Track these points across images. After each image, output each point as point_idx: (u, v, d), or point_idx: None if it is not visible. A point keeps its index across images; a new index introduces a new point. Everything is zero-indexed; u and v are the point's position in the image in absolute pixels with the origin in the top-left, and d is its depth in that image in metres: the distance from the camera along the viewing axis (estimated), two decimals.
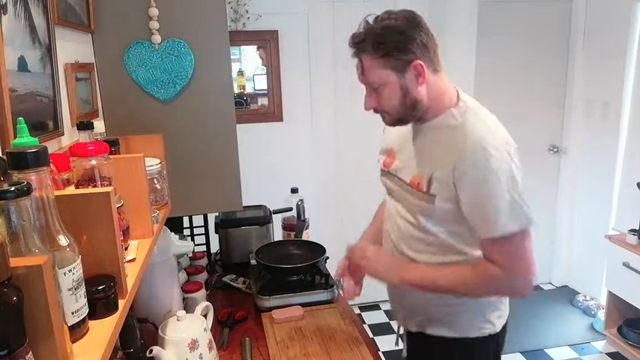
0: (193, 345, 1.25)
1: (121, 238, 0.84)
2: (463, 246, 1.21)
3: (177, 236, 1.61)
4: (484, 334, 1.28)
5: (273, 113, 3.27)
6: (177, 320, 1.29)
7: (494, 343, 1.31)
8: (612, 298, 2.97)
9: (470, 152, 1.10)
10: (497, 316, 1.30)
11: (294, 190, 2.18)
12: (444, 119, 1.19)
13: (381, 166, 1.38)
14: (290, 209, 2.12)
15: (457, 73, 3.37)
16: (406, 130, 1.28)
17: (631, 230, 2.81)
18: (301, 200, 2.08)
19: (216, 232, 2.08)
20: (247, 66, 3.26)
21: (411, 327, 1.36)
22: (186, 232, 2.22)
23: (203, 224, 2.21)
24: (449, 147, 1.15)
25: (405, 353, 1.43)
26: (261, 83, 3.26)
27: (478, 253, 1.20)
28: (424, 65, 1.13)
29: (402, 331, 1.46)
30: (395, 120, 1.22)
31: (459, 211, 1.15)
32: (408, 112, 1.19)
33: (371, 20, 1.15)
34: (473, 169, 1.10)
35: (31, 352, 0.54)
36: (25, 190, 0.57)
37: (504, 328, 1.33)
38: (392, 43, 1.12)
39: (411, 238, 1.26)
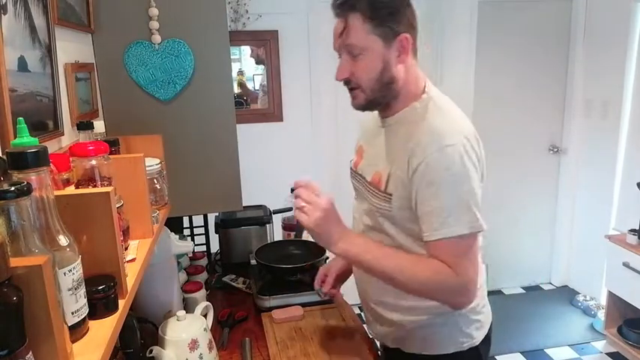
0: (193, 345, 1.25)
1: (121, 238, 0.84)
2: (420, 251, 1.13)
3: (177, 236, 1.61)
4: (463, 349, 1.22)
5: (273, 113, 3.27)
6: (177, 320, 1.29)
7: (475, 355, 1.24)
8: (612, 298, 2.97)
9: (423, 149, 1.05)
10: (475, 328, 1.23)
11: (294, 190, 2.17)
12: (406, 113, 1.14)
13: (351, 164, 1.34)
14: (290, 209, 2.11)
15: (457, 72, 3.37)
16: (373, 126, 1.24)
17: (631, 230, 2.81)
18: None
19: (216, 232, 2.08)
20: (247, 66, 3.26)
21: (387, 342, 1.31)
22: (186, 232, 2.22)
23: (203, 224, 2.21)
24: (405, 143, 1.09)
25: None
26: (260, 83, 3.26)
27: None
28: (410, 42, 1.09)
29: (379, 348, 1.40)
30: (366, 100, 1.13)
31: (415, 211, 1.09)
32: (381, 92, 1.11)
33: None
34: (425, 166, 1.04)
35: (31, 352, 0.54)
36: (25, 190, 0.57)
37: (487, 337, 1.27)
38: (387, 9, 1.06)
39: (374, 239, 1.19)
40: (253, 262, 1.83)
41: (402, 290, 1.14)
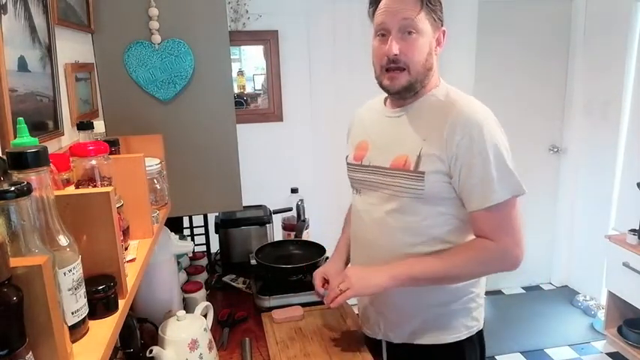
0: (193, 345, 1.25)
1: (121, 238, 0.84)
2: (448, 232, 1.19)
3: (177, 236, 1.61)
4: (472, 333, 1.27)
5: (273, 113, 3.28)
6: (177, 320, 1.29)
7: (481, 339, 1.31)
8: (612, 298, 2.97)
9: (464, 125, 1.12)
10: (479, 311, 1.29)
11: (294, 190, 2.17)
12: (428, 99, 1.22)
13: (350, 160, 1.35)
14: (290, 209, 2.12)
15: (457, 72, 3.37)
16: (378, 118, 1.30)
17: (631, 230, 2.81)
18: (301, 200, 2.08)
19: (216, 232, 2.08)
20: (247, 66, 3.26)
21: (394, 339, 1.30)
22: (186, 232, 2.22)
23: (203, 224, 2.21)
24: (438, 122, 1.15)
25: None
26: (261, 83, 3.26)
27: (463, 241, 1.20)
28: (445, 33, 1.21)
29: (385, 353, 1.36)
30: (408, 82, 1.18)
31: (449, 187, 1.15)
32: (422, 75, 1.19)
33: None
34: (469, 140, 1.11)
35: (31, 352, 0.54)
36: (25, 190, 0.57)
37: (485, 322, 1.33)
38: (439, 3, 1.19)
39: (392, 228, 1.22)
40: (253, 262, 1.83)
41: (457, 282, 1.22)
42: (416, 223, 1.20)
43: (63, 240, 0.65)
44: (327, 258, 1.83)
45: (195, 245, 2.09)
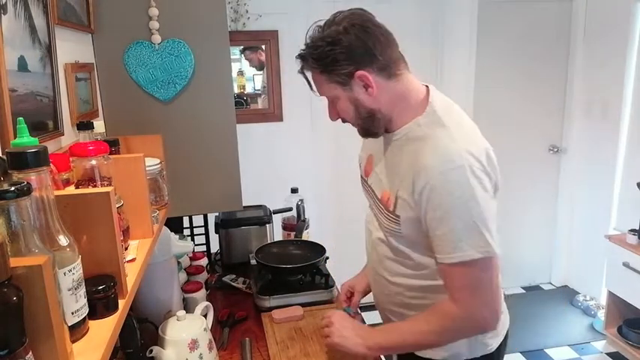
0: (193, 345, 1.25)
1: (121, 238, 0.84)
2: (430, 268, 1.13)
3: (177, 236, 1.61)
4: (476, 355, 1.21)
5: (273, 113, 3.27)
6: (177, 320, 1.29)
7: None
8: (612, 298, 2.97)
9: (427, 172, 1.02)
10: (490, 337, 1.21)
11: (294, 190, 2.17)
12: (409, 130, 1.10)
13: (362, 172, 1.33)
14: (290, 209, 2.12)
15: (457, 73, 3.38)
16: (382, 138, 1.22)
17: (631, 230, 2.81)
18: (301, 200, 2.08)
19: (216, 232, 2.08)
20: (247, 66, 3.26)
21: None
22: (186, 232, 2.22)
23: (203, 224, 2.21)
24: (410, 164, 1.06)
25: None
26: (261, 83, 3.26)
27: None
28: (370, 74, 1.05)
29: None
30: (363, 131, 1.17)
31: (424, 233, 1.07)
32: (368, 124, 1.12)
33: (316, 30, 1.09)
34: (430, 190, 1.01)
35: (31, 352, 0.54)
36: (25, 190, 0.57)
37: (503, 344, 1.26)
38: (329, 58, 1.04)
39: (387, 258, 1.20)
40: (253, 262, 1.83)
41: (435, 347, 1.18)
42: (399, 258, 1.18)
43: (63, 240, 0.65)
44: (327, 258, 1.83)
45: (195, 245, 2.09)
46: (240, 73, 3.24)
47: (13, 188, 0.56)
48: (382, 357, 1.39)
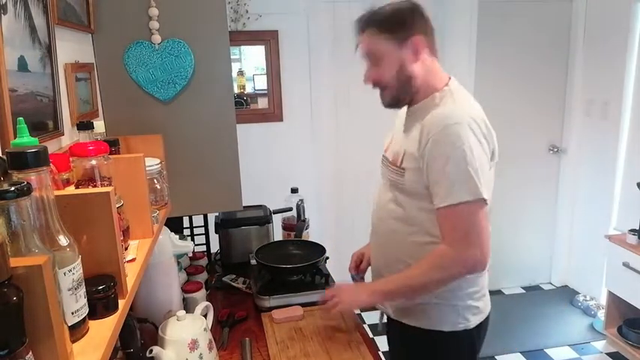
0: (193, 345, 1.25)
1: (121, 238, 0.84)
2: (432, 226, 1.25)
3: (177, 236, 1.61)
4: (457, 329, 1.32)
5: (273, 113, 3.28)
6: (177, 320, 1.29)
7: (469, 338, 1.34)
8: (612, 298, 2.96)
9: (430, 127, 1.20)
10: (472, 313, 1.33)
11: (294, 190, 2.18)
12: (426, 102, 1.28)
13: (383, 152, 1.47)
14: (290, 209, 2.12)
15: (457, 73, 3.37)
16: (402, 115, 1.39)
17: (631, 230, 2.81)
18: (301, 200, 2.08)
19: (216, 232, 2.08)
20: (247, 66, 3.26)
21: (389, 313, 1.43)
22: (186, 232, 2.22)
23: (203, 224, 2.21)
24: (420, 125, 1.24)
25: (387, 342, 1.53)
26: (261, 83, 3.26)
27: None
28: (422, 42, 1.25)
29: (384, 319, 1.51)
30: (391, 98, 1.30)
31: (424, 183, 1.23)
32: (402, 89, 1.28)
33: (376, 6, 1.28)
34: (432, 142, 1.18)
35: (31, 352, 0.54)
36: (25, 190, 0.57)
37: (482, 325, 1.36)
38: (396, 18, 1.25)
39: (388, 213, 1.34)
40: (253, 262, 1.83)
41: (427, 292, 1.29)
42: (404, 214, 1.31)
43: (63, 240, 0.65)
44: (327, 258, 1.83)
45: (195, 245, 2.09)
46: (240, 73, 3.24)
47: (13, 188, 0.56)
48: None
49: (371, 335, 3.13)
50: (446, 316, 1.32)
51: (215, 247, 2.18)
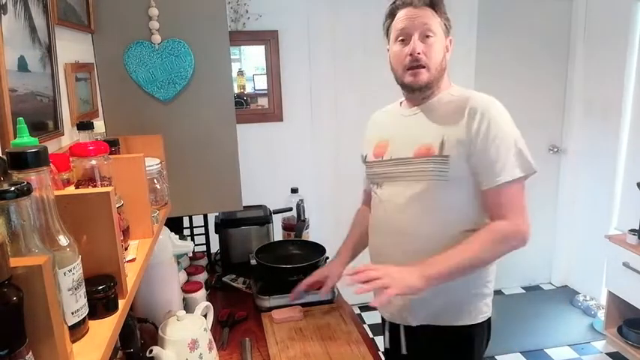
0: (193, 345, 1.25)
1: (121, 238, 0.84)
2: (470, 212, 1.29)
3: (177, 236, 1.61)
4: (484, 319, 1.37)
5: (273, 113, 3.27)
6: (177, 320, 1.29)
7: (489, 326, 1.41)
8: (612, 298, 2.97)
9: (483, 112, 1.25)
10: (490, 299, 1.40)
11: (294, 190, 2.17)
12: (441, 97, 1.35)
13: (369, 158, 1.44)
14: (290, 209, 2.12)
15: (457, 72, 3.37)
16: (395, 119, 1.43)
17: (631, 230, 2.81)
18: (301, 200, 2.08)
19: (216, 232, 2.08)
20: (247, 66, 3.26)
21: (411, 321, 1.38)
22: (186, 232, 2.22)
23: (203, 224, 2.21)
24: (456, 110, 1.28)
25: (404, 350, 1.42)
26: (261, 83, 3.26)
27: (483, 222, 1.30)
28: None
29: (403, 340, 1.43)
30: (428, 79, 1.31)
31: (470, 169, 1.26)
32: (438, 75, 1.32)
33: None
34: (488, 124, 1.24)
35: (31, 352, 0.54)
36: (25, 190, 0.57)
37: (492, 314, 1.42)
38: (446, 14, 1.34)
39: (415, 211, 1.31)
40: (253, 262, 1.83)
41: (483, 266, 1.32)
42: (438, 205, 1.30)
43: (63, 240, 0.65)
44: (328, 258, 1.83)
45: (195, 245, 2.09)
46: (240, 73, 3.24)
47: (13, 188, 0.56)
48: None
49: (371, 335, 3.14)
50: (478, 308, 1.36)
51: (215, 247, 2.18)
